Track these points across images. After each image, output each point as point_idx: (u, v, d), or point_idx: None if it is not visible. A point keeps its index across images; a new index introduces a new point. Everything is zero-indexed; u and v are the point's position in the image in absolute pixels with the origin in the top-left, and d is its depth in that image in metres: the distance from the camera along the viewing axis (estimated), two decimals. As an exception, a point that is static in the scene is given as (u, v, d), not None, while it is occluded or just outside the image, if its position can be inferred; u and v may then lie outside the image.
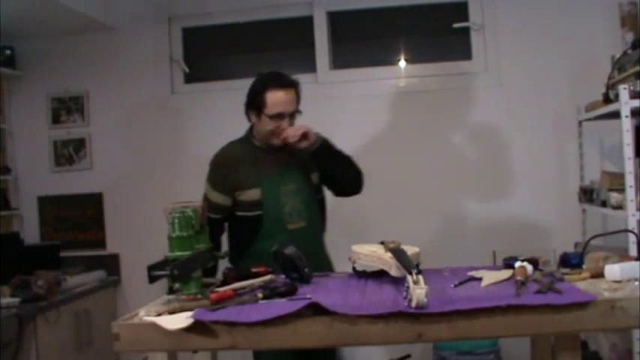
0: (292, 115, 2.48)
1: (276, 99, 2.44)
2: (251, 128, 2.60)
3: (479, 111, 3.56)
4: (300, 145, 2.42)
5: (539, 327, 1.55)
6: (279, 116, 2.44)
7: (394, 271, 1.83)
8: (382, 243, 2.02)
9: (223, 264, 2.23)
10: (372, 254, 1.98)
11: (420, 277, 1.59)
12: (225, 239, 2.61)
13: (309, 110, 3.68)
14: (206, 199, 2.52)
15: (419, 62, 3.77)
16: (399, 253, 1.83)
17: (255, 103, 2.49)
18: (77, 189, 3.94)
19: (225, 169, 2.55)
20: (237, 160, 2.55)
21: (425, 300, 1.54)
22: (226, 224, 2.58)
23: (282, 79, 2.49)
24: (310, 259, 2.18)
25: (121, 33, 3.88)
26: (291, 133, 2.41)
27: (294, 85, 2.50)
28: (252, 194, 2.47)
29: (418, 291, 1.54)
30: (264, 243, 2.41)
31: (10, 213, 3.92)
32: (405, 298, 1.58)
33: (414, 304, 1.54)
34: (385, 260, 1.88)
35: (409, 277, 1.59)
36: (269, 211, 2.46)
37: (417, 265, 1.85)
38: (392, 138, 3.61)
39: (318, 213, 2.60)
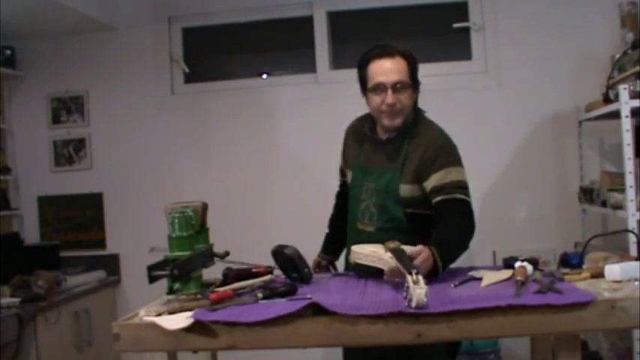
0: (398, 87, 2.15)
1: (376, 68, 2.18)
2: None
3: (479, 111, 3.56)
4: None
5: (539, 327, 1.55)
6: (378, 87, 2.16)
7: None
8: (382, 243, 2.00)
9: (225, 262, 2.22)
10: (372, 254, 1.97)
11: (420, 277, 1.58)
12: None
13: (309, 110, 3.72)
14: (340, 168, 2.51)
15: (419, 62, 3.76)
16: (398, 253, 1.82)
17: (361, 80, 2.25)
18: (77, 189, 3.94)
19: (345, 139, 2.43)
20: (351, 135, 2.40)
21: (425, 300, 1.54)
22: None
23: (386, 47, 2.21)
24: (375, 275, 1.98)
25: (121, 33, 3.88)
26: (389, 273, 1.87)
27: (400, 54, 2.20)
28: (349, 176, 2.36)
29: (418, 291, 1.53)
30: (347, 234, 2.35)
31: (10, 213, 3.92)
32: (405, 298, 1.58)
33: (414, 304, 1.54)
34: (385, 260, 1.88)
35: (409, 277, 1.59)
36: (350, 200, 2.33)
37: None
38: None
39: (397, 225, 2.17)
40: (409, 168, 2.17)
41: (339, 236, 2.46)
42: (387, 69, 2.17)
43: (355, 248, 2.07)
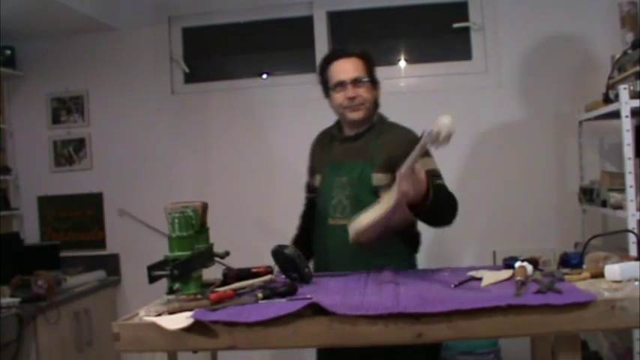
0: (357, 82, 2.30)
1: (335, 68, 2.33)
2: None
3: (479, 111, 3.56)
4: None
5: (539, 327, 1.55)
6: (339, 85, 2.30)
7: None
8: None
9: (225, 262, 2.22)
10: (375, 212, 1.94)
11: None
12: None
13: (309, 110, 3.72)
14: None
15: (419, 62, 3.78)
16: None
17: (323, 84, 2.40)
18: (77, 189, 3.94)
19: (311, 151, 2.55)
20: (317, 144, 2.52)
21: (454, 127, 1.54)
22: None
23: (341, 50, 2.40)
24: (352, 264, 2.13)
25: (121, 33, 3.88)
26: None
27: (356, 54, 2.35)
28: (318, 180, 2.42)
29: (445, 121, 1.56)
30: (316, 235, 2.37)
31: (10, 213, 3.92)
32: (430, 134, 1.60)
33: (443, 133, 1.57)
34: (388, 198, 1.89)
35: (426, 133, 1.62)
36: (319, 201, 2.38)
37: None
38: (392, 138, 3.61)
39: None
40: (380, 158, 2.25)
41: (306, 246, 2.39)
42: (345, 68, 2.32)
43: (353, 226, 1.99)
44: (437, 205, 1.99)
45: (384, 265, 2.15)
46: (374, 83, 2.38)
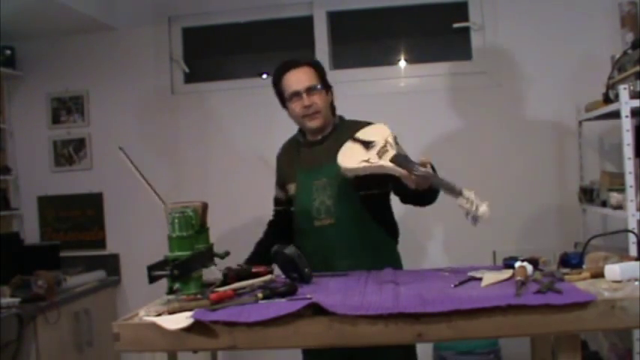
0: (311, 90, 2.38)
1: (288, 80, 2.41)
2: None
3: (479, 111, 3.56)
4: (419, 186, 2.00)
5: (539, 327, 1.55)
6: (295, 95, 2.38)
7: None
8: (357, 140, 2.10)
9: (225, 262, 2.22)
10: (370, 164, 2.01)
11: (471, 194, 1.71)
12: None
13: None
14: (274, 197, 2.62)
15: (419, 62, 3.78)
16: (406, 160, 1.94)
17: (279, 96, 2.48)
18: (77, 189, 3.94)
19: (277, 163, 2.61)
20: (283, 155, 2.59)
21: (489, 212, 1.66)
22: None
23: (291, 61, 2.44)
24: (343, 259, 2.22)
25: (121, 33, 3.88)
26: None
27: (306, 63, 2.43)
28: (292, 188, 2.46)
29: (482, 209, 1.67)
30: (299, 241, 2.39)
31: (10, 213, 3.92)
32: (467, 217, 1.69)
33: (482, 219, 1.68)
34: (390, 167, 1.94)
35: (461, 199, 1.71)
36: (299, 207, 2.43)
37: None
38: (392, 138, 3.61)
39: (355, 210, 2.33)
40: None
41: (263, 256, 2.41)
42: (298, 78, 2.39)
43: (345, 164, 2.09)
44: (432, 192, 2.12)
45: (373, 257, 2.28)
46: (327, 89, 2.45)
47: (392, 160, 1.96)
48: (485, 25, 3.59)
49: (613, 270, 1.74)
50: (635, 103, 2.55)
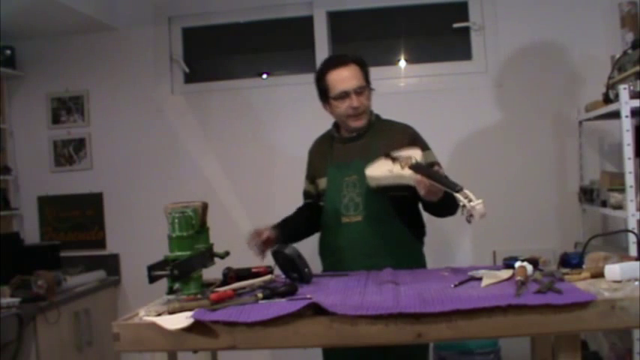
0: (360, 91, 2.37)
1: (335, 78, 2.37)
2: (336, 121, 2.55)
3: (479, 111, 3.56)
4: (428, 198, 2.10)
5: (539, 327, 1.55)
6: (343, 95, 2.36)
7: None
8: (389, 156, 2.15)
9: (225, 262, 2.22)
10: (391, 174, 2.09)
11: (468, 192, 1.80)
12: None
13: (309, 110, 3.71)
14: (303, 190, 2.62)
15: (419, 62, 3.78)
16: (422, 168, 2.02)
17: (321, 92, 2.45)
18: (77, 189, 3.94)
19: (309, 157, 2.60)
20: (316, 149, 2.57)
21: (485, 211, 1.75)
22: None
23: (339, 58, 2.43)
24: (366, 257, 2.24)
25: (121, 33, 3.88)
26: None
27: (353, 61, 2.40)
28: (322, 183, 2.46)
29: (478, 207, 1.73)
30: (326, 237, 2.41)
31: (10, 213, 3.92)
32: (463, 215, 1.78)
33: (477, 218, 1.75)
34: (408, 177, 2.02)
35: (459, 196, 1.79)
36: (328, 202, 2.42)
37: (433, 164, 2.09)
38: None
39: (383, 208, 2.33)
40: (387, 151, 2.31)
41: (293, 225, 2.50)
42: (345, 77, 2.37)
43: (370, 173, 2.17)
44: (447, 202, 2.10)
45: (397, 257, 2.29)
46: (370, 88, 2.45)
47: (410, 167, 2.05)
48: (485, 25, 3.59)
49: (613, 270, 1.74)
50: (635, 103, 2.55)
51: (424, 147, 2.40)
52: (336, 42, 3.81)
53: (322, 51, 3.75)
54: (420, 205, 2.42)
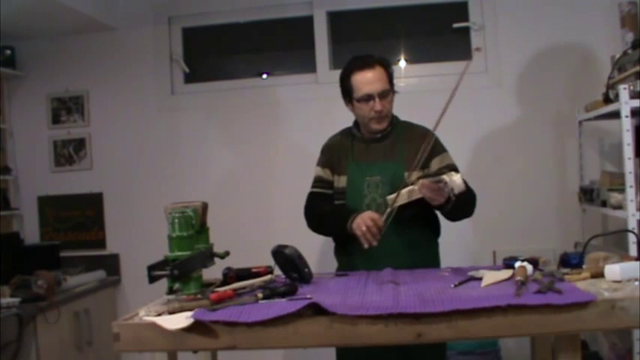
0: (384, 95, 2.38)
1: (360, 79, 2.38)
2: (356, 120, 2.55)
3: (479, 111, 3.56)
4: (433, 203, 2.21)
5: (539, 327, 1.55)
6: (368, 98, 2.37)
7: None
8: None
9: (225, 263, 2.22)
10: (408, 192, 2.21)
11: (452, 172, 2.05)
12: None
13: (309, 110, 3.72)
14: (315, 179, 2.56)
15: (419, 62, 3.77)
16: (427, 175, 2.20)
17: (345, 91, 2.46)
18: (77, 189, 3.94)
19: (328, 152, 2.57)
20: (336, 146, 2.55)
21: (462, 183, 2.06)
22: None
23: (365, 59, 2.42)
24: (385, 257, 2.25)
25: (121, 33, 3.88)
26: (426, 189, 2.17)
27: (379, 63, 2.41)
28: (341, 181, 2.46)
29: (455, 178, 2.00)
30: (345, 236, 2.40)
31: (10, 213, 3.92)
32: (446, 189, 2.07)
33: (456, 190, 2.02)
34: (417, 190, 2.17)
35: (444, 177, 2.02)
36: (349, 201, 2.41)
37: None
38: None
39: (404, 210, 2.29)
40: (410, 157, 2.35)
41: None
42: (370, 79, 2.38)
43: (392, 196, 2.24)
44: (458, 204, 2.21)
45: (416, 257, 2.36)
46: (394, 91, 2.47)
47: (419, 178, 2.19)
48: (485, 25, 3.59)
49: (613, 270, 1.74)
50: (635, 103, 2.55)
51: (442, 150, 2.47)
52: (336, 42, 3.81)
53: (322, 51, 3.75)
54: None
